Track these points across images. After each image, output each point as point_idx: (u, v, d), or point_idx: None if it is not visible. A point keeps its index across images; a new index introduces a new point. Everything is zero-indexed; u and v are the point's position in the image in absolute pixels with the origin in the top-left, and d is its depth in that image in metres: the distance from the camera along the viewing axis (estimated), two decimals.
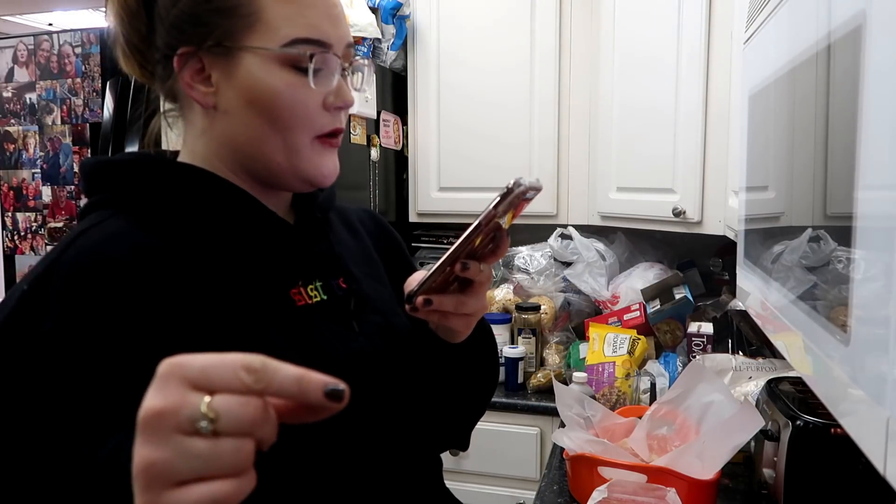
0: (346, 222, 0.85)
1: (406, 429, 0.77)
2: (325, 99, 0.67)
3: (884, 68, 0.47)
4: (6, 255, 2.08)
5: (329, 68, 0.67)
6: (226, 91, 0.66)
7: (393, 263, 0.87)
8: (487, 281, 0.68)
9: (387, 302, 0.80)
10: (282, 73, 0.65)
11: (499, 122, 2.16)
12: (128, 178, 0.68)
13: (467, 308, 0.68)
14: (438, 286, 0.66)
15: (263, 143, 0.67)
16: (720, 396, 1.20)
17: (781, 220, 0.81)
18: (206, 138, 0.69)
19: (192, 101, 0.68)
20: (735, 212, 1.20)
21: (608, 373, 1.74)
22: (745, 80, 1.06)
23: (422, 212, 2.28)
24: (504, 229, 0.64)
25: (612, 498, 1.05)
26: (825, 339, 0.59)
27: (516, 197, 0.59)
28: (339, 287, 0.75)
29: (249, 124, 0.66)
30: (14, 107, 2.01)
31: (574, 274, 2.08)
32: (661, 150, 1.81)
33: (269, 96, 0.65)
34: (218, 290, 0.65)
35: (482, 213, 0.60)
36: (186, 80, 0.67)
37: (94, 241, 0.62)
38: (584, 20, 2.09)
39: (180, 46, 0.66)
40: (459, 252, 0.62)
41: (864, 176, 0.50)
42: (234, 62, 0.65)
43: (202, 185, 0.68)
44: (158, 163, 0.70)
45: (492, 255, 0.66)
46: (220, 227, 0.68)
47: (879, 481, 0.47)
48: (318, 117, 0.67)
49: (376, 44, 2.15)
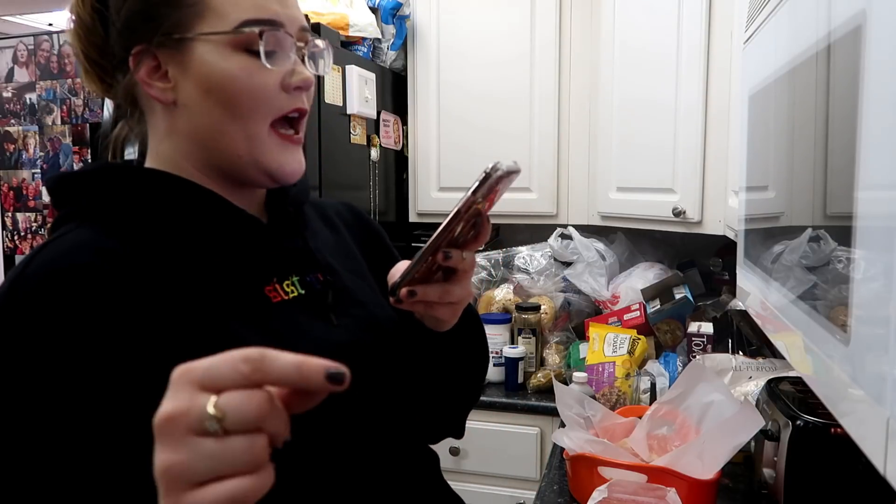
0: (323, 217, 0.85)
1: (396, 419, 0.77)
2: (282, 80, 0.67)
3: (884, 68, 0.47)
4: (6, 255, 2.08)
5: (283, 48, 0.67)
6: (183, 84, 0.66)
7: (374, 255, 0.87)
8: (471, 268, 0.68)
9: (368, 294, 0.80)
10: (236, 57, 0.65)
11: (499, 122, 2.16)
12: (92, 188, 0.67)
13: (452, 296, 0.68)
14: (421, 276, 0.65)
15: (224, 134, 0.66)
16: (720, 396, 1.20)
17: (781, 219, 0.81)
18: (170, 139, 0.69)
19: (153, 101, 0.68)
20: (735, 211, 1.20)
21: (608, 373, 1.74)
22: (745, 79, 1.06)
23: (422, 212, 2.28)
24: (485, 214, 0.64)
25: (612, 498, 1.05)
26: (825, 339, 0.59)
27: (495, 181, 0.58)
28: (317, 281, 0.74)
29: (210, 114, 0.66)
30: (14, 107, 2.01)
31: (574, 274, 2.09)
32: (662, 149, 1.81)
33: (226, 82, 0.65)
34: (189, 292, 0.64)
35: (461, 199, 0.59)
36: (143, 78, 0.67)
37: (56, 251, 0.62)
38: (584, 20, 2.09)
39: (134, 46, 0.66)
40: (441, 241, 0.62)
41: (864, 176, 0.50)
42: (188, 53, 0.65)
43: (167, 189, 0.67)
44: (122, 171, 0.70)
45: (474, 242, 0.66)
46: (189, 229, 0.67)
47: (879, 481, 0.47)
48: (277, 99, 0.67)
49: (376, 44, 2.15)
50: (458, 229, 0.63)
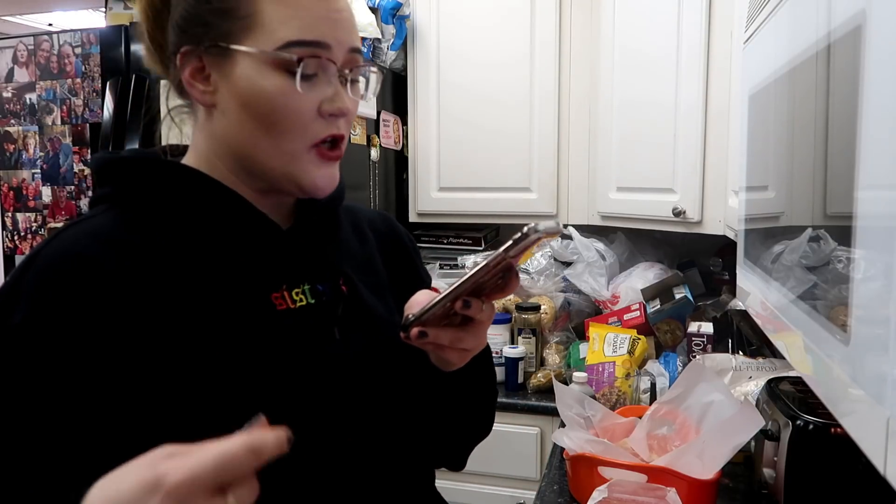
0: (355, 225, 0.83)
1: (388, 440, 0.75)
2: (319, 105, 0.66)
3: (884, 68, 0.47)
4: (6, 255, 2.08)
5: (325, 73, 0.66)
6: (223, 91, 0.66)
7: (399, 272, 0.85)
8: (488, 320, 0.66)
9: (381, 311, 0.78)
10: (275, 76, 0.64)
11: (499, 122, 2.16)
12: (128, 175, 0.69)
13: (464, 344, 0.66)
14: (437, 319, 0.63)
15: (257, 147, 0.66)
16: (720, 396, 1.20)
17: (781, 219, 0.81)
18: (207, 136, 0.70)
19: (194, 99, 0.69)
20: (735, 212, 1.20)
21: (608, 373, 1.74)
22: (745, 79, 1.06)
23: (422, 212, 2.28)
24: (515, 269, 0.62)
25: (612, 498, 1.05)
26: (825, 339, 0.59)
27: (531, 242, 0.56)
28: (329, 291, 0.73)
29: (245, 127, 0.66)
30: (14, 107, 2.01)
31: (574, 274, 2.09)
32: (661, 149, 1.81)
33: (262, 100, 0.64)
34: (192, 292, 0.65)
35: (493, 254, 0.58)
36: (187, 77, 0.67)
37: (72, 236, 0.64)
38: (584, 20, 2.09)
39: (183, 45, 0.67)
40: (463, 289, 0.60)
41: (864, 176, 0.50)
42: (231, 63, 0.65)
43: (193, 187, 0.68)
44: (157, 162, 0.71)
45: (500, 292, 0.64)
46: (207, 229, 0.68)
47: (879, 481, 0.47)
48: (313, 124, 0.66)
49: (376, 44, 2.15)
50: (484, 280, 0.61)
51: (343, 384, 0.71)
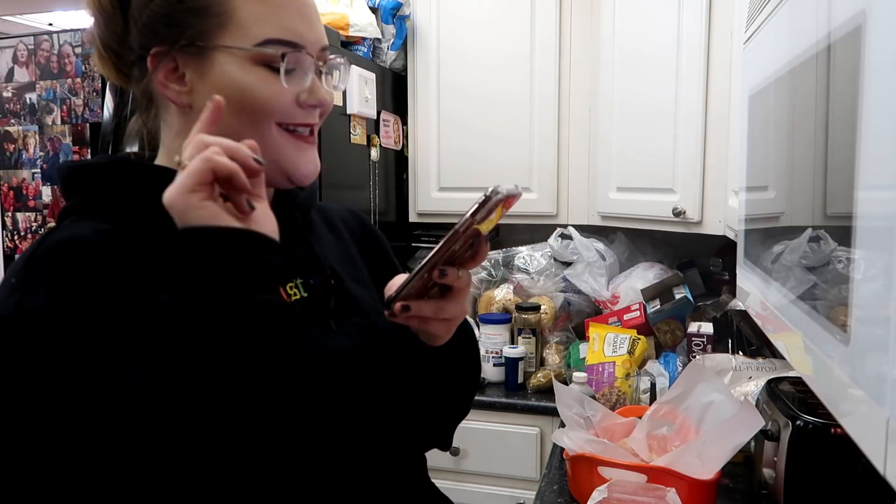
0: (328, 222, 0.85)
1: (386, 427, 0.77)
2: (298, 96, 0.68)
3: (884, 68, 0.47)
4: (6, 255, 2.08)
5: (302, 68, 0.68)
6: (200, 90, 0.66)
7: (375, 263, 0.87)
8: (466, 287, 0.68)
9: (369, 302, 0.80)
10: (255, 70, 0.66)
11: (499, 122, 2.16)
12: (101, 181, 0.68)
13: (446, 313, 0.68)
14: (417, 292, 0.66)
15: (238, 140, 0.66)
16: (720, 396, 1.20)
17: (781, 219, 0.81)
18: (182, 138, 0.68)
19: (168, 101, 0.68)
20: (735, 212, 1.20)
21: (608, 373, 1.74)
22: (745, 80, 1.06)
23: (422, 212, 2.28)
24: (483, 235, 0.64)
25: (612, 498, 1.05)
26: (825, 339, 0.59)
27: (494, 204, 0.59)
28: (321, 285, 0.75)
29: (223, 122, 0.65)
30: (14, 107, 2.01)
31: (574, 274, 2.08)
32: (661, 149, 1.81)
33: (243, 92, 0.65)
34: None
35: (460, 220, 0.60)
36: (161, 79, 0.67)
37: (62, 234, 0.64)
38: (584, 20, 2.09)
39: (154, 46, 0.66)
40: (438, 258, 0.63)
41: (864, 176, 0.50)
42: (208, 61, 0.65)
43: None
44: (131, 166, 0.70)
45: (471, 261, 0.66)
46: None
47: (879, 481, 0.47)
48: (290, 110, 0.68)
49: (376, 44, 2.15)
50: (456, 248, 0.63)
51: (347, 374, 0.72)
